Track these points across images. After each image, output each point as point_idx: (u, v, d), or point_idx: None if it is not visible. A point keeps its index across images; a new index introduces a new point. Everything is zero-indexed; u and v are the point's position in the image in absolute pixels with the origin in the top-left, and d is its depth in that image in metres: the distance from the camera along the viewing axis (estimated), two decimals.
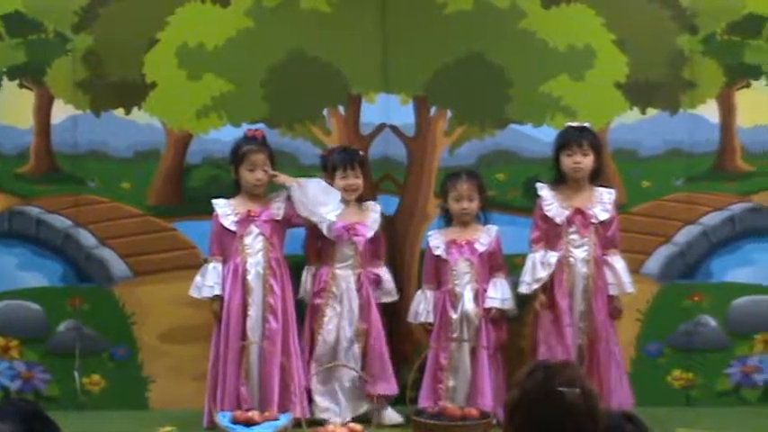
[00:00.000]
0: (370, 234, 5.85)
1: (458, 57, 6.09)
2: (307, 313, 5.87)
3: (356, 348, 5.79)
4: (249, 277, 5.69)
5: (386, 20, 6.11)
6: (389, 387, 5.79)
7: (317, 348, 5.79)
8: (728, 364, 6.20)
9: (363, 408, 5.80)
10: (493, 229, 5.89)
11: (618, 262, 5.76)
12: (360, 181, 5.87)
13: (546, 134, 5.99)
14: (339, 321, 5.78)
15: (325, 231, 5.77)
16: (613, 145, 6.12)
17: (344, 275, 5.81)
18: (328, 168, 5.88)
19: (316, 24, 6.09)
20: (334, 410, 5.76)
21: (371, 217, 5.90)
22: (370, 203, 5.95)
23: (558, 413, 2.78)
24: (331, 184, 5.81)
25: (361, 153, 5.96)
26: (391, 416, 5.80)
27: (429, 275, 5.90)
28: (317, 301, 5.81)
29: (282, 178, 5.81)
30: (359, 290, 5.82)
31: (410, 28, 6.11)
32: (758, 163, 6.17)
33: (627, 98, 6.11)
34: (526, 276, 5.75)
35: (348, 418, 5.66)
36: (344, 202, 5.80)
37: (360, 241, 5.82)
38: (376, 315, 5.83)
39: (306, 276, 5.87)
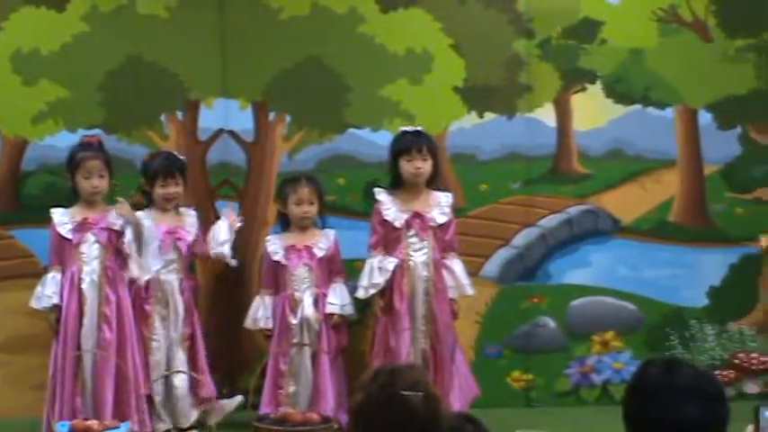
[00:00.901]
0: (191, 238, 6.26)
1: (296, 62, 6.56)
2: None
3: (182, 353, 6.18)
4: (84, 286, 6.02)
5: (224, 25, 6.55)
6: (209, 389, 6.18)
7: (151, 356, 6.17)
8: (567, 364, 6.77)
9: (195, 414, 6.21)
10: (331, 233, 6.34)
11: (456, 265, 6.24)
12: (180, 189, 6.24)
13: (385, 138, 6.43)
14: (167, 326, 6.18)
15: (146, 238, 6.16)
16: (452, 149, 6.65)
17: (169, 280, 6.21)
18: (148, 176, 6.26)
19: (153, 29, 6.51)
20: (168, 419, 6.17)
21: (189, 221, 6.31)
22: (184, 209, 6.33)
23: (401, 416, 3.02)
24: (150, 191, 6.25)
25: (182, 159, 6.33)
26: (227, 404, 6.21)
27: (267, 281, 6.31)
28: (147, 307, 6.20)
29: (125, 210, 6.11)
30: (182, 294, 6.22)
31: (248, 33, 6.57)
32: (594, 166, 6.74)
33: (465, 102, 6.63)
34: (363, 281, 6.19)
35: (186, 425, 6.18)
36: (163, 210, 6.24)
37: (183, 246, 6.23)
38: (197, 319, 6.27)
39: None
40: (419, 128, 6.33)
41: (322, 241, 6.32)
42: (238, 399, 6.30)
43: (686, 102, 6.76)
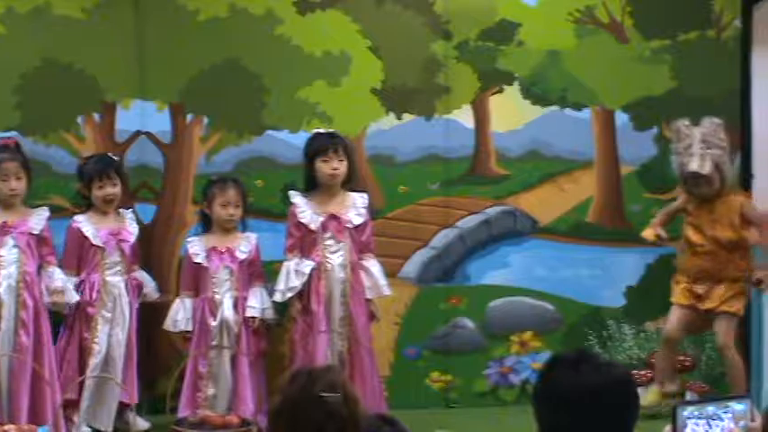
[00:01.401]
0: (133, 239, 6.54)
1: (214, 63, 6.83)
2: (71, 323, 6.44)
3: (119, 357, 6.41)
4: (1, 290, 6.21)
5: (141, 26, 6.80)
6: (130, 395, 6.40)
7: (92, 359, 6.38)
8: (486, 365, 7.11)
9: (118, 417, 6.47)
10: (252, 236, 6.60)
11: (373, 265, 6.52)
12: (117, 189, 6.50)
13: (303, 140, 6.66)
14: (111, 329, 6.43)
15: (92, 239, 6.44)
16: (370, 150, 6.95)
17: (114, 282, 6.45)
18: (84, 179, 6.51)
19: (69, 31, 6.74)
20: (102, 422, 6.42)
21: (129, 222, 6.58)
22: (123, 210, 6.60)
23: (320, 418, 3.17)
24: (88, 194, 6.51)
25: (116, 159, 6.58)
26: (137, 423, 6.38)
27: (187, 283, 6.55)
28: (91, 310, 6.42)
29: None
30: (128, 294, 6.48)
31: (165, 35, 6.83)
32: (512, 167, 7.08)
33: (383, 104, 6.94)
34: (280, 285, 6.43)
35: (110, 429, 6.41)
36: (103, 212, 6.51)
37: (126, 247, 6.49)
38: (135, 322, 6.51)
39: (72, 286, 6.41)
40: (331, 130, 6.63)
41: (244, 244, 6.58)
42: (145, 426, 6.57)
43: (603, 103, 7.11)
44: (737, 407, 3.53)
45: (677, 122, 6.49)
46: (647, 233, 6.72)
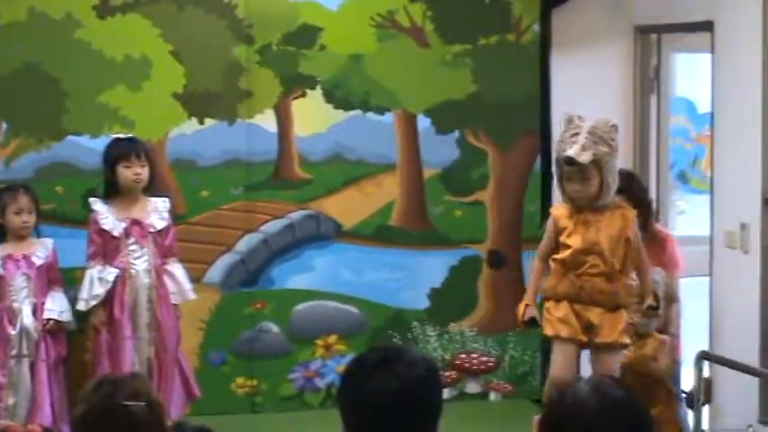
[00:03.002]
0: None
1: (13, 68, 7.66)
2: None
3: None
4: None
5: None
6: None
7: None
8: (291, 369, 8.13)
9: None
10: (49, 242, 7.37)
11: (178, 270, 7.37)
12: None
13: (104, 146, 7.49)
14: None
15: None
16: (172, 155, 7.85)
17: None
18: None
19: None
20: None
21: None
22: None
23: (124, 427, 3.47)
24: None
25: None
26: None
27: None
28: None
29: None
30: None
31: None
32: (315, 171, 8.07)
33: (185, 108, 7.86)
34: (84, 293, 7.22)
35: None
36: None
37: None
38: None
39: None
40: (130, 135, 7.48)
41: (40, 250, 7.37)
42: None
43: (405, 106, 8.17)
44: None
45: (570, 113, 6.30)
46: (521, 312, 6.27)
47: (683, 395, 6.89)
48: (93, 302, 7.24)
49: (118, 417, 3.52)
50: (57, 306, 7.35)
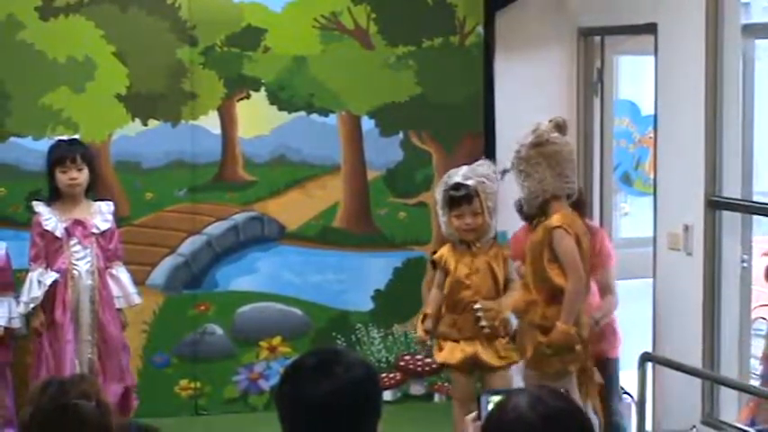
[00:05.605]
0: None
1: None
2: None
3: None
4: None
5: None
6: None
7: None
8: (235, 371, 8.34)
9: None
10: (2, 245, 7.51)
11: (122, 273, 7.53)
12: None
13: (47, 147, 7.63)
14: None
15: None
16: (115, 157, 8.04)
17: None
18: None
19: None
20: None
21: None
22: None
23: (73, 426, 3.57)
24: None
25: None
26: None
27: None
28: None
29: None
30: None
31: None
32: (259, 172, 8.28)
33: (128, 110, 8.05)
34: (23, 296, 7.37)
35: None
36: None
37: None
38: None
39: None
40: (75, 136, 7.63)
41: None
42: None
43: (349, 108, 8.39)
44: None
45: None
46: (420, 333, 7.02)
47: (624, 394, 7.10)
48: (33, 305, 7.39)
49: (67, 416, 3.62)
50: (6, 312, 7.50)
